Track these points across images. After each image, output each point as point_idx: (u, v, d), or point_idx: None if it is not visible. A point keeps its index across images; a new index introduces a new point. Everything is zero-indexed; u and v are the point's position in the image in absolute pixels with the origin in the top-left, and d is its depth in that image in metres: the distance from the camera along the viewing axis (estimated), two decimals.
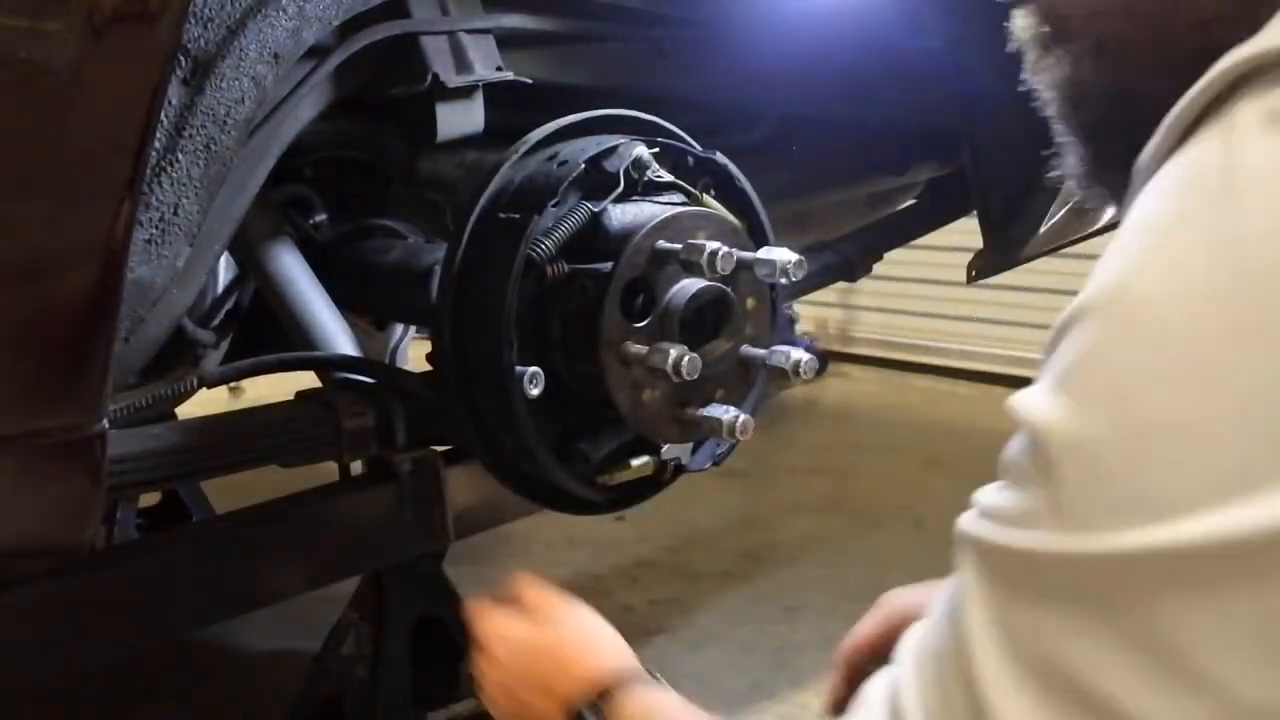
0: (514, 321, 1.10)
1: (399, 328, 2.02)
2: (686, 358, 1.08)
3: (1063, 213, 1.87)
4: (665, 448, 1.21)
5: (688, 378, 1.08)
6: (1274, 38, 0.51)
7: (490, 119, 1.43)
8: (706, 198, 1.22)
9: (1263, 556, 0.47)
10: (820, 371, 5.20)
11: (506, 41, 1.47)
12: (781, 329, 1.28)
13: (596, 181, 1.15)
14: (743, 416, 1.13)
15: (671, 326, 1.12)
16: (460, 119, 1.41)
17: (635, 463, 1.20)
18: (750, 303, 1.19)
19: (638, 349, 1.10)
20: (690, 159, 1.24)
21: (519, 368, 1.10)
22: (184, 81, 1.09)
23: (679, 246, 1.11)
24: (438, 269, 1.34)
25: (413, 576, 1.50)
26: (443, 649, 1.54)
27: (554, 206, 1.12)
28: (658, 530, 2.89)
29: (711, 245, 1.11)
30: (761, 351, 1.18)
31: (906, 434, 3.87)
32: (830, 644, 1.05)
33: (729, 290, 1.16)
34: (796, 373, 1.15)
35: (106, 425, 0.89)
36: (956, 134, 1.84)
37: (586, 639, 0.91)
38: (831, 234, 2.13)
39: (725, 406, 1.15)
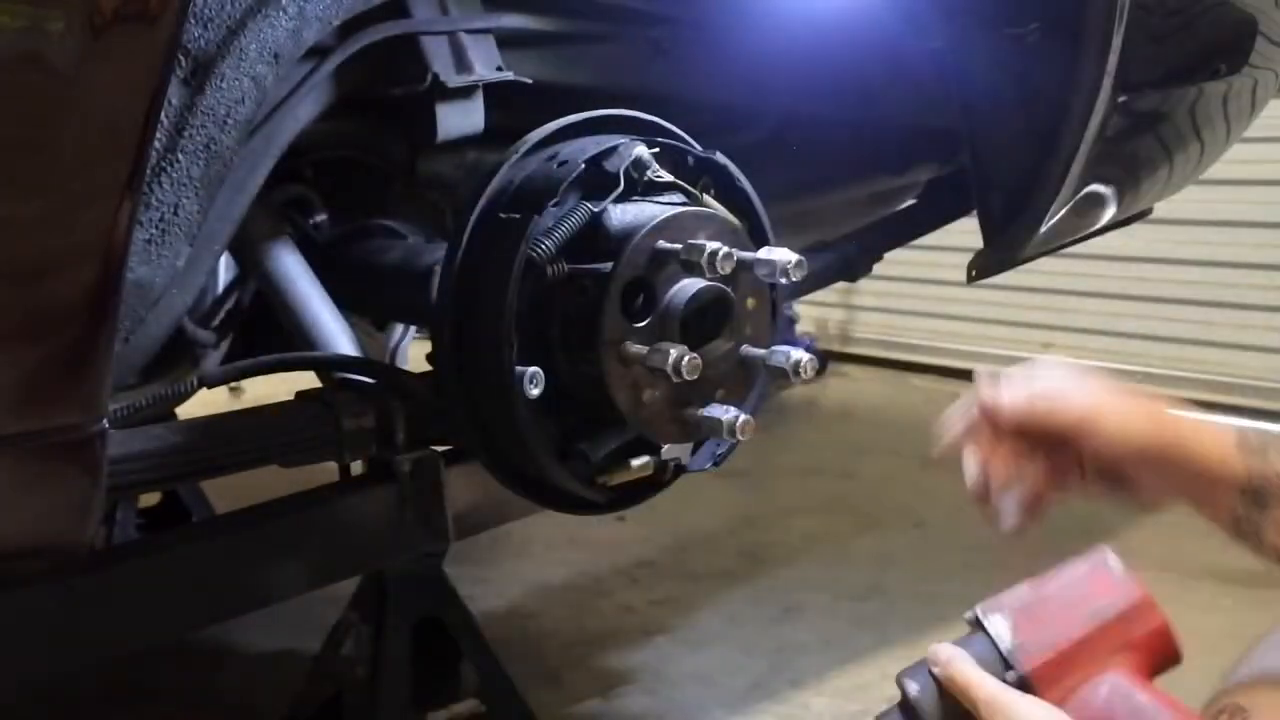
0: (514, 321, 1.10)
1: (399, 328, 2.01)
2: (686, 358, 1.08)
3: (1063, 213, 1.87)
4: (665, 448, 1.21)
5: (688, 378, 1.08)
6: None
7: (490, 119, 1.43)
8: (706, 198, 1.22)
9: None
10: (820, 371, 5.19)
11: (506, 41, 1.47)
12: (782, 329, 1.28)
13: (597, 181, 1.15)
14: (743, 416, 1.13)
15: (672, 326, 1.12)
16: (460, 119, 1.41)
17: (635, 463, 1.20)
18: (750, 303, 1.19)
19: (638, 349, 1.10)
20: (690, 159, 1.23)
21: (519, 368, 1.10)
22: (184, 81, 1.08)
23: (679, 246, 1.11)
24: (438, 269, 1.34)
25: (413, 576, 1.50)
26: (443, 649, 1.54)
27: (554, 206, 1.12)
28: (658, 530, 2.89)
29: (712, 245, 1.11)
30: (761, 351, 1.18)
31: (906, 434, 3.87)
32: (830, 644, 1.06)
33: (729, 290, 1.15)
34: (796, 373, 1.15)
35: (106, 425, 0.89)
36: (956, 134, 1.84)
37: None
38: (832, 234, 2.13)
39: (725, 406, 1.15)
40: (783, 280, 1.14)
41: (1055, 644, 0.91)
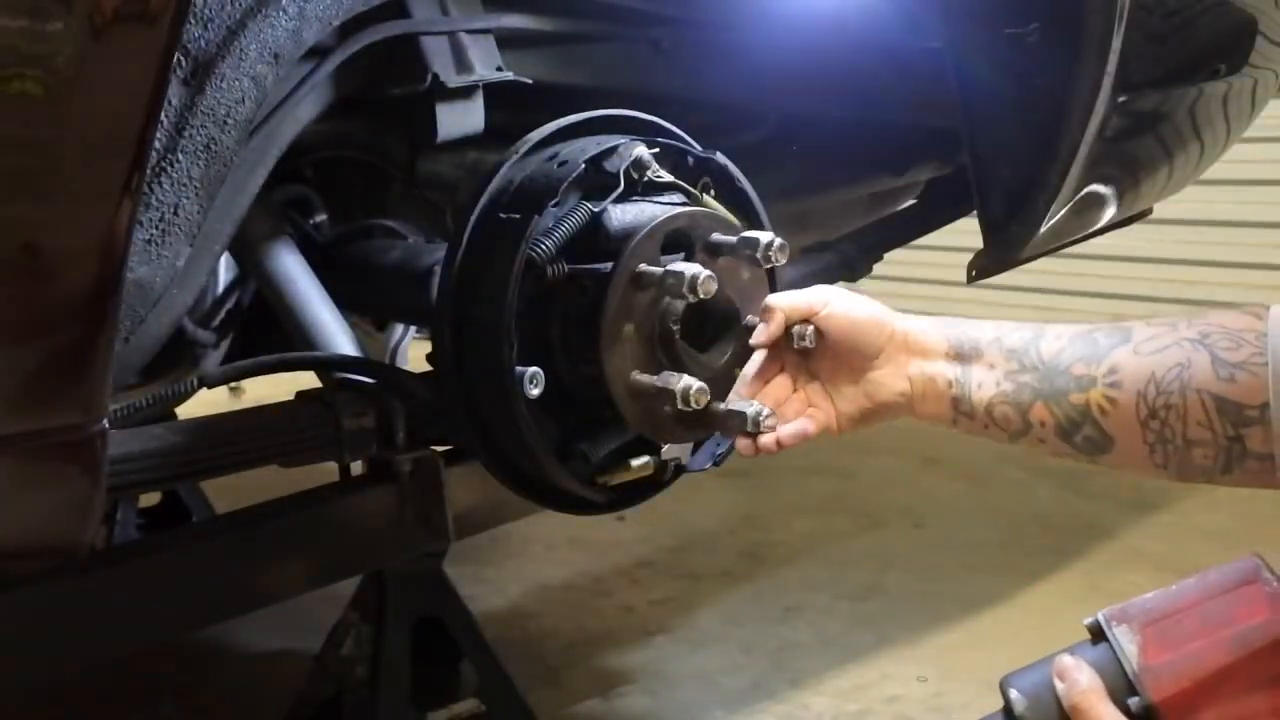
0: (514, 321, 1.10)
1: (399, 328, 2.02)
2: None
3: (1063, 213, 1.87)
4: (665, 448, 1.21)
5: (697, 297, 1.08)
6: None
7: (490, 119, 1.43)
8: (706, 198, 1.22)
9: None
10: None
11: (506, 41, 1.46)
12: None
13: (597, 181, 1.15)
14: (696, 385, 1.10)
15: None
16: (460, 119, 1.41)
17: (635, 463, 1.20)
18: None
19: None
20: (690, 159, 1.24)
21: (519, 368, 1.10)
22: (184, 81, 1.09)
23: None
24: (438, 269, 1.34)
25: (413, 576, 1.50)
26: (443, 649, 1.54)
27: (554, 206, 1.12)
28: (658, 530, 2.89)
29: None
30: (721, 407, 1.12)
31: (906, 434, 3.85)
32: (830, 644, 1.06)
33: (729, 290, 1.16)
34: (755, 425, 1.08)
35: (106, 425, 0.89)
36: (956, 134, 1.84)
37: None
38: (832, 234, 2.13)
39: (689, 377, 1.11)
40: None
41: (1191, 671, 0.78)
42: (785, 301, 1.12)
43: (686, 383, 1.09)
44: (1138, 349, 1.00)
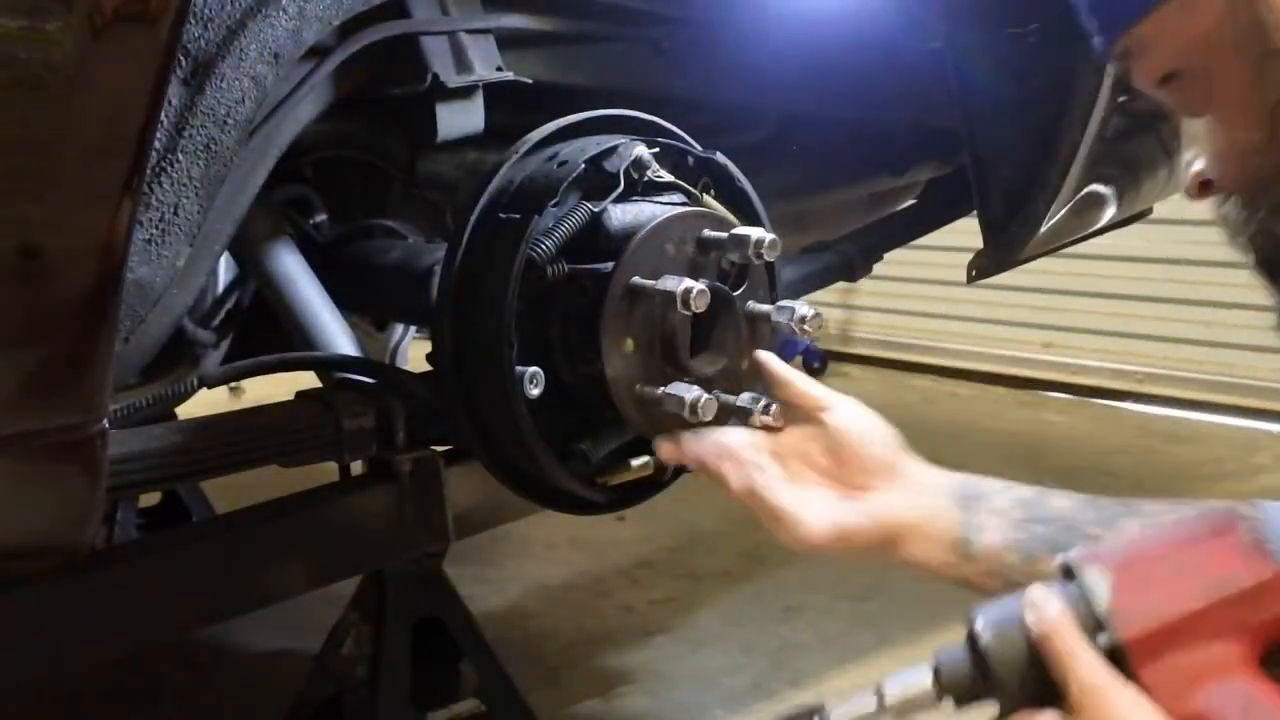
0: (514, 321, 1.10)
1: (399, 328, 2.02)
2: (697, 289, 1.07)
3: (1063, 213, 1.87)
4: None
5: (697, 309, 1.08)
6: None
7: (490, 119, 1.43)
8: (706, 198, 1.22)
9: None
10: (820, 371, 5.13)
11: (506, 41, 1.47)
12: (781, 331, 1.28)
13: (597, 181, 1.15)
14: (705, 396, 1.10)
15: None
16: (460, 119, 1.41)
17: (635, 463, 1.20)
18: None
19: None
20: (690, 159, 1.23)
21: (519, 368, 1.10)
22: (184, 81, 1.09)
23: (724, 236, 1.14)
24: (438, 269, 1.34)
25: (413, 576, 1.50)
26: (443, 649, 1.54)
27: (554, 206, 1.12)
28: (658, 530, 2.89)
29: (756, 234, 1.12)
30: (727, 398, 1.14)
31: (906, 434, 3.86)
32: (830, 644, 1.06)
33: (730, 292, 1.16)
34: (764, 410, 1.12)
35: (106, 425, 0.89)
36: (956, 134, 1.84)
37: None
38: (832, 234, 2.13)
39: (689, 385, 1.12)
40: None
41: (1162, 614, 0.77)
42: (795, 376, 1.11)
43: (696, 394, 1.09)
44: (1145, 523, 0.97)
